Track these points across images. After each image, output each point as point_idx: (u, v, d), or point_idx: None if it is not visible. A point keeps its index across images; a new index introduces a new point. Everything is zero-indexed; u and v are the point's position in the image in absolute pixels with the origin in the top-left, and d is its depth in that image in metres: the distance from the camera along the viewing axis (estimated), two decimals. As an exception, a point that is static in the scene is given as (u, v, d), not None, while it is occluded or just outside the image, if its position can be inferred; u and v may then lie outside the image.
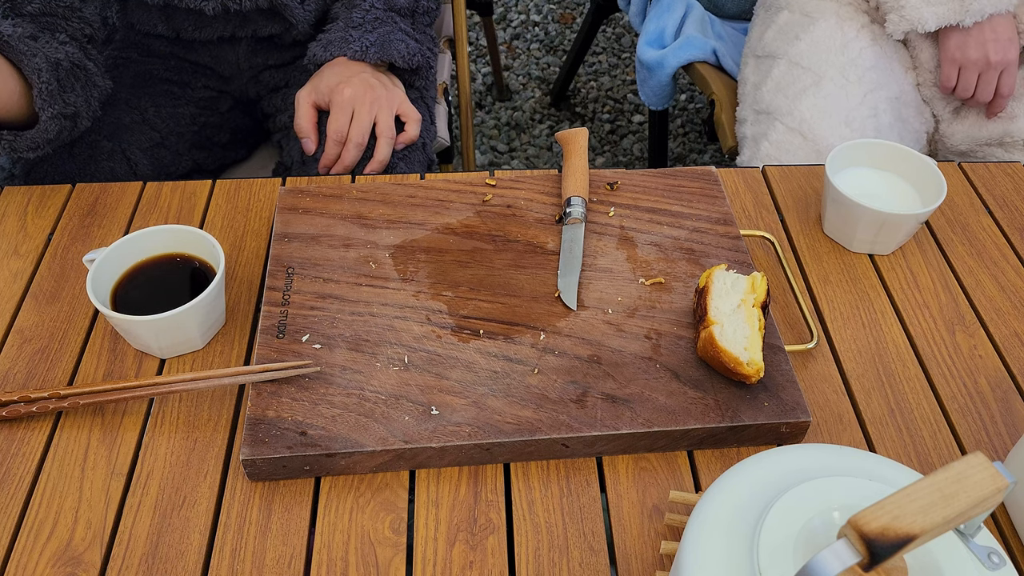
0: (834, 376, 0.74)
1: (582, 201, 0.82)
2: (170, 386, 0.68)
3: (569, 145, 0.88)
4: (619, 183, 0.86)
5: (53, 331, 0.75)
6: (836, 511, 0.46)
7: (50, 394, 0.68)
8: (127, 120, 1.07)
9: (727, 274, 0.72)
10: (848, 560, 0.39)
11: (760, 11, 1.32)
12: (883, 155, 0.87)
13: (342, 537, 0.62)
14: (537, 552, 0.61)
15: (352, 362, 0.69)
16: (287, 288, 0.75)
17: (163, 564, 0.60)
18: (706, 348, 0.68)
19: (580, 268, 0.77)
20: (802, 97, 1.13)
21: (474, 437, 0.65)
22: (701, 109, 2.27)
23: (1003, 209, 0.91)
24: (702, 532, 0.47)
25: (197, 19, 1.08)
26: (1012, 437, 0.70)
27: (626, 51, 2.45)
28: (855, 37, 1.15)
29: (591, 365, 0.70)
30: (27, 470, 0.66)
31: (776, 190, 0.92)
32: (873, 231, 0.82)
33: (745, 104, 1.24)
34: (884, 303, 0.80)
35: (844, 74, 1.13)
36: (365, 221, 0.82)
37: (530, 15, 2.56)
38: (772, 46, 1.22)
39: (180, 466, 0.66)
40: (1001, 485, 0.40)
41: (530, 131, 2.21)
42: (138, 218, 0.86)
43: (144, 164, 1.06)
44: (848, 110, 1.11)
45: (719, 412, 0.67)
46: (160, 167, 1.09)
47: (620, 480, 0.66)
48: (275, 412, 0.66)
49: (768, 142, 1.14)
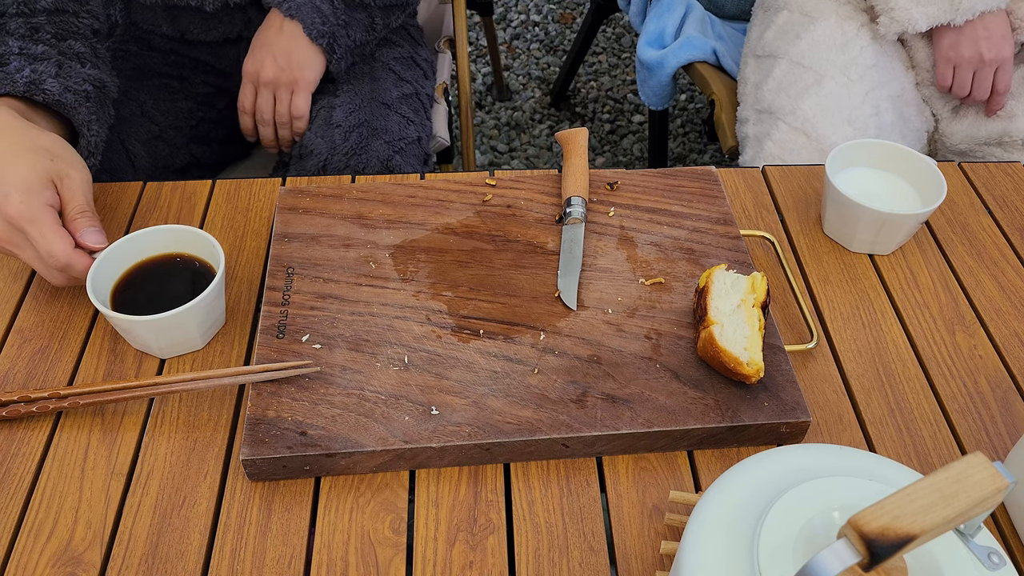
0: (834, 376, 0.74)
1: (582, 201, 0.82)
2: (170, 386, 0.68)
3: (569, 145, 0.88)
4: (619, 183, 0.86)
5: (53, 331, 0.75)
6: (836, 511, 0.46)
7: (50, 394, 0.68)
8: (126, 112, 1.07)
9: (727, 274, 0.72)
10: (848, 560, 0.39)
11: (759, 11, 1.32)
12: (883, 155, 0.87)
13: (342, 537, 0.62)
14: (537, 552, 0.61)
15: (352, 362, 0.69)
16: (287, 288, 0.75)
17: (163, 564, 0.60)
18: (706, 348, 0.68)
19: (580, 268, 0.77)
20: (804, 96, 1.13)
21: (474, 437, 0.65)
22: (701, 109, 2.27)
23: (1003, 209, 0.91)
24: (702, 532, 0.47)
25: (203, 21, 1.08)
26: (1012, 437, 0.70)
27: (626, 51, 2.45)
28: (855, 36, 1.15)
29: (591, 365, 0.70)
30: (27, 470, 0.66)
31: (776, 190, 0.92)
32: (873, 231, 0.82)
33: (746, 104, 1.24)
34: (884, 303, 0.80)
35: (846, 73, 1.13)
36: (365, 221, 0.82)
37: (530, 15, 2.56)
38: (772, 46, 1.22)
39: (180, 466, 0.66)
40: (1001, 485, 0.40)
41: (530, 131, 2.21)
42: (138, 218, 0.86)
43: (143, 156, 1.06)
44: (850, 109, 1.11)
45: (719, 412, 0.67)
46: (158, 160, 1.09)
47: (620, 480, 0.66)
48: (275, 412, 0.66)
49: (772, 141, 1.14)
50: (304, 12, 1.01)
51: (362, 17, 1.07)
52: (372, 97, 1.08)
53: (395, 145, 1.02)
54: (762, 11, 1.31)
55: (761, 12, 1.31)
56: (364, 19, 1.07)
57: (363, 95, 1.07)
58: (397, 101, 1.11)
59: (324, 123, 1.04)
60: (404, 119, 1.09)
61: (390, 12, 1.11)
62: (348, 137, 1.02)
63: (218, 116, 1.18)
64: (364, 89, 1.09)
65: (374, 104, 1.07)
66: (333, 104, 1.06)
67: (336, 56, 1.05)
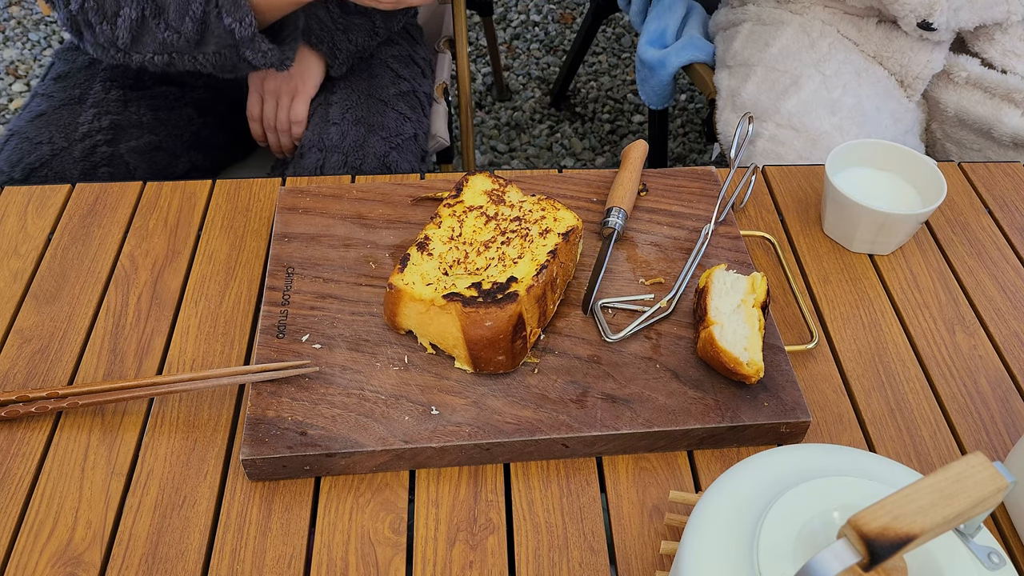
0: (834, 376, 0.74)
1: (621, 212, 0.80)
2: (170, 386, 0.68)
3: (626, 157, 0.87)
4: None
5: (53, 331, 0.75)
6: (836, 511, 0.46)
7: (48, 394, 0.68)
8: (125, 124, 1.07)
9: (727, 274, 0.72)
10: (848, 560, 0.39)
11: (719, 31, 1.37)
12: (883, 155, 0.87)
13: (342, 537, 0.62)
14: (537, 552, 0.61)
15: (352, 362, 0.69)
16: (287, 288, 0.75)
17: (163, 564, 0.60)
18: (706, 348, 0.68)
19: (599, 276, 0.76)
20: (784, 98, 1.16)
21: (474, 437, 0.65)
22: (701, 109, 2.27)
23: (1003, 209, 0.91)
24: (702, 532, 0.47)
25: None
26: (1012, 437, 0.70)
27: (626, 51, 2.45)
28: (820, 35, 1.19)
29: (591, 365, 0.70)
30: (27, 470, 0.66)
31: (776, 190, 0.92)
32: (873, 231, 0.82)
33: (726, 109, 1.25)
34: (884, 303, 0.80)
35: (820, 69, 1.16)
36: (365, 221, 0.82)
37: (530, 15, 2.56)
38: (743, 55, 1.26)
39: (180, 466, 0.66)
40: (1001, 485, 0.40)
41: (530, 131, 2.21)
42: (138, 218, 0.86)
43: (142, 168, 1.06)
44: (832, 102, 1.13)
45: (719, 412, 0.67)
46: (157, 169, 1.09)
47: (620, 480, 0.66)
48: (275, 412, 0.66)
49: (762, 139, 1.15)
50: None
51: (362, 22, 1.08)
52: (369, 94, 1.09)
53: (392, 141, 1.02)
54: (722, 31, 1.36)
55: (721, 32, 1.36)
56: (365, 24, 1.08)
57: (360, 92, 1.08)
58: (394, 98, 1.11)
59: (321, 120, 1.05)
60: (401, 116, 1.10)
61: (391, 16, 1.11)
62: (345, 134, 1.03)
63: (217, 121, 1.18)
64: (361, 86, 1.09)
65: (371, 101, 1.08)
66: (330, 101, 1.06)
67: (338, 61, 1.06)
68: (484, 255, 0.72)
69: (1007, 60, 1.15)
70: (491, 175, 0.79)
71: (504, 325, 0.66)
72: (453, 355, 0.69)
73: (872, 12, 1.19)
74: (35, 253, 0.82)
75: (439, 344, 0.70)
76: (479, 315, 0.66)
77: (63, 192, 0.89)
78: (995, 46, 1.16)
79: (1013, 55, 1.15)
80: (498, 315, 0.66)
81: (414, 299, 0.68)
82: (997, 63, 1.16)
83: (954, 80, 1.17)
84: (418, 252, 0.72)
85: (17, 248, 0.83)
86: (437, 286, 0.69)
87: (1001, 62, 1.15)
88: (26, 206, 0.87)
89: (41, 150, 1.00)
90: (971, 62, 1.16)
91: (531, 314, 0.69)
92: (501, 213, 0.75)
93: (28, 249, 0.83)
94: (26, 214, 0.86)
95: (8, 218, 0.86)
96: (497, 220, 0.75)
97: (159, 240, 0.84)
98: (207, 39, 0.89)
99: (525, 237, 0.73)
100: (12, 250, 0.83)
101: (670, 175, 0.88)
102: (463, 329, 0.66)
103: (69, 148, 1.00)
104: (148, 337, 0.75)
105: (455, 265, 0.71)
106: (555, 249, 0.71)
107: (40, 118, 1.03)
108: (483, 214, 0.75)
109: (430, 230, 0.74)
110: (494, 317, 0.66)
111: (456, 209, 0.76)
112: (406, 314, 0.70)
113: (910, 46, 1.16)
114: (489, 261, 0.71)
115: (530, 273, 0.69)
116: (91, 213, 0.87)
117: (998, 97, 1.14)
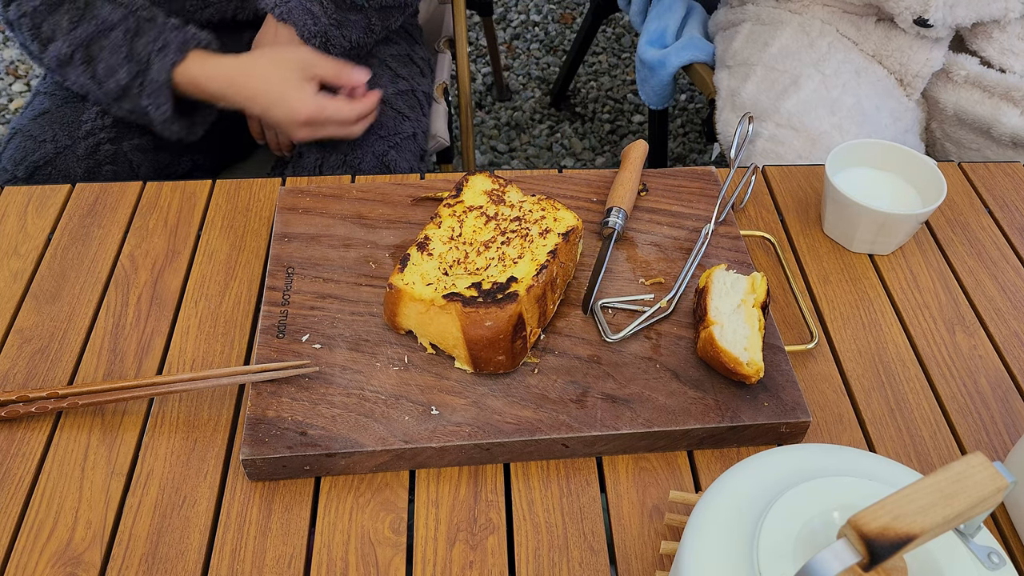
0: (834, 376, 0.74)
1: (620, 212, 0.80)
2: (170, 386, 0.68)
3: (626, 158, 0.87)
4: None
5: (53, 331, 0.75)
6: (836, 511, 0.46)
7: (48, 394, 0.68)
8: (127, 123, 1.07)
9: (727, 274, 0.72)
10: (848, 560, 0.39)
11: (718, 31, 1.37)
12: (883, 155, 0.87)
13: (342, 537, 0.62)
14: (537, 552, 0.61)
15: (352, 362, 0.69)
16: (287, 288, 0.75)
17: (163, 564, 0.60)
18: (706, 348, 0.68)
19: (599, 276, 0.76)
20: (784, 98, 1.16)
21: (474, 437, 0.65)
22: (701, 109, 2.27)
23: (1003, 209, 0.91)
24: (702, 532, 0.47)
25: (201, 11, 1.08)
26: (1012, 437, 0.70)
27: (626, 51, 2.45)
28: (819, 35, 1.19)
29: (591, 365, 0.70)
30: (27, 470, 0.66)
31: (776, 190, 0.92)
32: (873, 231, 0.82)
33: (726, 109, 1.25)
34: (884, 303, 0.80)
35: (819, 69, 1.16)
36: (365, 221, 0.82)
37: (530, 15, 2.56)
38: (743, 55, 1.25)
39: (180, 466, 0.66)
40: (1001, 485, 0.40)
41: (530, 131, 2.21)
42: (138, 218, 0.86)
43: (145, 166, 1.06)
44: (831, 101, 1.13)
45: (719, 412, 0.67)
46: (160, 168, 1.10)
47: (620, 480, 0.66)
48: (275, 412, 0.66)
49: (762, 139, 1.15)
50: (295, 15, 1.02)
51: (358, 19, 1.07)
52: None
53: (390, 140, 1.02)
54: (721, 30, 1.36)
55: (721, 32, 1.36)
56: (360, 20, 1.08)
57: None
58: (393, 97, 1.11)
59: None
60: (399, 115, 1.10)
61: (388, 14, 1.11)
62: None
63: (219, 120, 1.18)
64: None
65: None
66: None
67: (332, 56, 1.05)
68: (484, 255, 0.72)
69: (1005, 58, 1.15)
70: (491, 175, 0.79)
71: (504, 325, 0.66)
72: (453, 355, 0.69)
73: (871, 10, 1.19)
74: (35, 253, 0.82)
75: (439, 344, 0.70)
76: (479, 315, 0.66)
77: (63, 192, 0.89)
78: (993, 44, 1.16)
79: (1011, 53, 1.15)
80: (498, 315, 0.66)
81: (414, 299, 0.68)
82: (995, 61, 1.16)
83: (953, 79, 1.17)
84: (418, 252, 0.72)
85: (17, 248, 0.83)
86: (437, 286, 0.69)
87: (999, 60, 1.15)
88: (26, 206, 0.87)
89: (45, 148, 1.00)
90: (970, 60, 1.16)
91: (531, 314, 0.69)
92: (501, 213, 0.75)
93: (28, 249, 0.83)
94: (26, 214, 0.86)
95: (8, 218, 0.86)
96: (497, 220, 0.75)
97: (159, 240, 0.84)
98: (123, 103, 0.97)
99: (525, 237, 0.73)
100: (12, 250, 0.83)
101: (670, 175, 0.88)
102: (463, 329, 0.66)
103: (73, 146, 1.00)
104: (148, 337, 0.75)
105: (455, 265, 0.71)
106: (555, 249, 0.71)
107: (43, 116, 1.03)
108: (483, 214, 0.75)
109: (430, 230, 0.74)
110: (494, 317, 0.66)
111: (456, 209, 0.76)
112: (406, 314, 0.70)
113: (909, 44, 1.16)
114: (489, 261, 0.71)
115: (530, 273, 0.69)
116: (91, 213, 0.87)
117: (997, 96, 1.14)
